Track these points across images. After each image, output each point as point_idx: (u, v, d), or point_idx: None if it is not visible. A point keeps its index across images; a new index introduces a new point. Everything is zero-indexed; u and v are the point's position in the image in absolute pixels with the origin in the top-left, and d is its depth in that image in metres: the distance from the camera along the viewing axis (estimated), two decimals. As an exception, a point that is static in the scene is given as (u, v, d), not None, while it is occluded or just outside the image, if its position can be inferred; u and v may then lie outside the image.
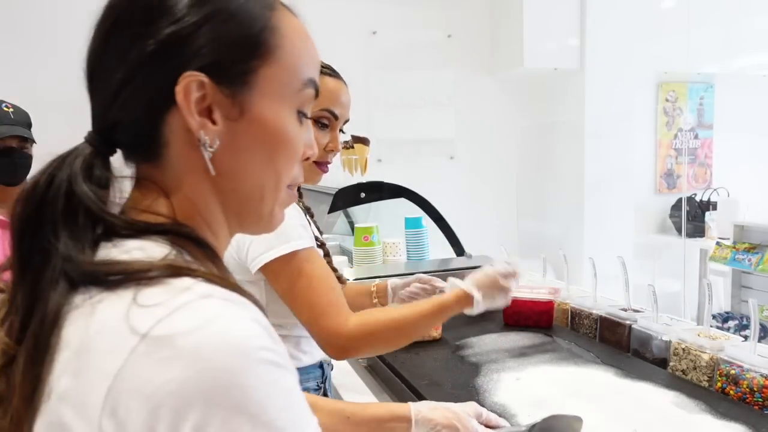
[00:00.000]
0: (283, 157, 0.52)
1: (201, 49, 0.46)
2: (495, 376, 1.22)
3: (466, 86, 3.76)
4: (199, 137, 0.47)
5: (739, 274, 3.11)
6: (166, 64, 0.46)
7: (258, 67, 0.49)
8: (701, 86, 4.12)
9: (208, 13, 0.47)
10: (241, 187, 0.51)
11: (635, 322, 1.38)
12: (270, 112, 0.50)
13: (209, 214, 0.51)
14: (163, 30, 0.45)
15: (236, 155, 0.50)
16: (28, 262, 0.45)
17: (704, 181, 4.20)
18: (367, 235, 1.98)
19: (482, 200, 3.78)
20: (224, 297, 0.42)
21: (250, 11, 0.49)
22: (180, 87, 0.45)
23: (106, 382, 0.39)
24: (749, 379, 1.07)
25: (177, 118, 0.47)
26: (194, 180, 0.49)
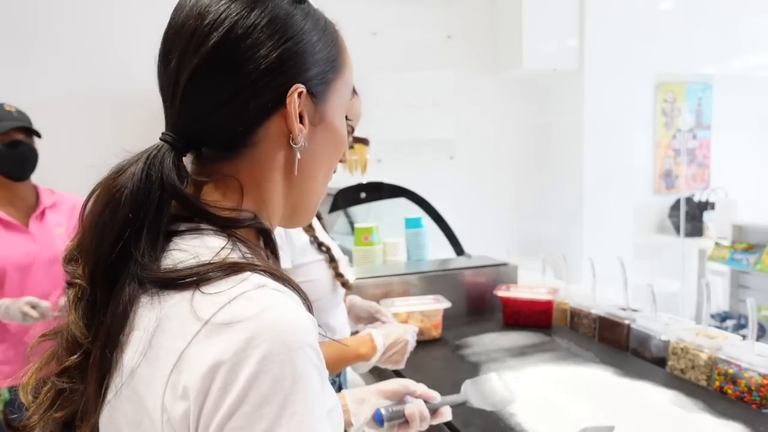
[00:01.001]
0: (337, 158, 0.63)
1: (305, 64, 0.55)
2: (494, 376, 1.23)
3: (465, 86, 3.76)
4: (297, 140, 0.55)
5: (738, 274, 3.12)
6: (281, 76, 0.54)
7: (332, 80, 0.58)
8: (699, 87, 4.13)
9: (314, 30, 0.56)
10: (308, 184, 0.60)
11: (634, 322, 1.39)
12: (336, 119, 0.60)
13: (274, 207, 0.58)
14: (281, 47, 0.53)
15: (312, 156, 0.58)
16: (112, 262, 0.50)
17: (703, 182, 4.21)
18: (367, 235, 1.99)
19: (482, 200, 3.78)
20: (276, 288, 0.48)
21: (331, 33, 0.59)
22: (291, 96, 0.54)
23: (171, 360, 0.45)
24: (747, 378, 1.08)
25: (276, 123, 0.55)
26: (272, 176, 0.57)
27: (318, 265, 1.08)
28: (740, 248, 2.97)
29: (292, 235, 1.03)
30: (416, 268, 1.82)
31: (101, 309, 0.49)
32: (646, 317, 1.37)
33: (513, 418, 1.02)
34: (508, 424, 1.01)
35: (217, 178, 0.55)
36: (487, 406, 0.94)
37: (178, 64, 0.53)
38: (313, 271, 1.06)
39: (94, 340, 0.49)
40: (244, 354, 0.43)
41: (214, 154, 0.55)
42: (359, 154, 2.45)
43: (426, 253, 2.03)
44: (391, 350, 1.09)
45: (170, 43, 0.54)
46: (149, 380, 0.46)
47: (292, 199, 0.59)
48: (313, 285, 1.06)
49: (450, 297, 1.59)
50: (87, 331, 0.49)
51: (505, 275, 1.83)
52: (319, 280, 1.07)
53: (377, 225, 2.02)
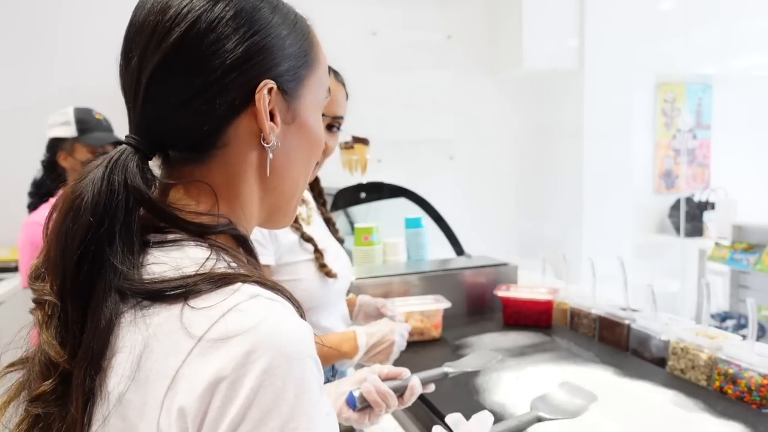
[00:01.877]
0: (314, 157, 0.60)
1: (274, 59, 0.52)
2: (494, 376, 1.23)
3: (465, 86, 3.77)
4: (269, 139, 0.52)
5: (738, 274, 3.12)
6: (248, 72, 0.51)
7: (305, 76, 0.56)
8: (699, 87, 4.13)
9: (282, 24, 0.53)
10: (283, 184, 0.57)
11: (634, 322, 1.39)
12: (311, 117, 0.57)
13: (250, 211, 0.56)
14: (247, 40, 0.51)
15: (286, 156, 0.56)
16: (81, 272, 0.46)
17: (702, 182, 4.21)
18: (367, 235, 1.99)
19: (482, 200, 3.78)
20: (270, 297, 0.46)
21: (302, 28, 0.56)
22: (260, 93, 0.51)
23: (165, 383, 0.42)
24: (747, 378, 1.08)
25: (246, 122, 0.52)
26: (245, 178, 0.54)
27: (305, 264, 1.08)
28: (740, 248, 2.97)
29: (277, 233, 1.03)
30: (416, 268, 1.82)
31: (75, 325, 0.45)
32: (646, 317, 1.37)
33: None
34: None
35: (188, 181, 0.52)
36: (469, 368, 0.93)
37: (139, 62, 0.50)
38: (300, 269, 1.06)
39: (70, 360, 0.45)
40: (243, 369, 0.41)
41: (183, 157, 0.52)
42: (359, 154, 2.45)
43: (426, 253, 2.03)
44: (375, 349, 1.08)
45: (131, 41, 0.51)
46: (141, 405, 0.42)
47: (268, 201, 0.57)
48: (299, 283, 1.05)
49: (450, 297, 1.59)
50: (62, 350, 0.45)
51: (505, 275, 1.83)
52: (306, 279, 1.07)
53: (377, 225, 2.02)
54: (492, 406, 1.08)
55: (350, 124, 1.19)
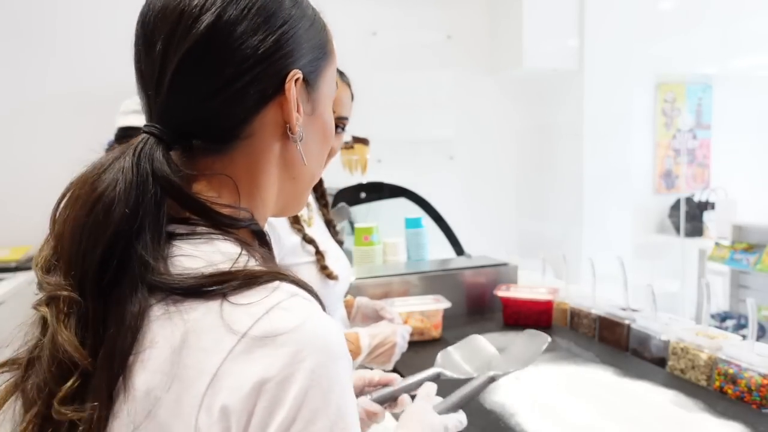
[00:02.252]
0: (326, 150, 0.60)
1: (301, 50, 0.52)
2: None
3: (466, 86, 3.77)
4: (295, 129, 0.52)
5: (738, 274, 3.12)
6: (279, 62, 0.51)
7: (324, 68, 0.56)
8: (699, 87, 4.13)
9: (305, 16, 0.54)
10: (302, 174, 0.57)
11: (634, 322, 1.39)
12: (326, 110, 0.58)
13: (269, 201, 0.55)
14: (277, 30, 0.50)
15: (307, 146, 0.55)
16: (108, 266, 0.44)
17: (703, 182, 4.21)
18: (367, 235, 1.99)
19: (482, 200, 3.78)
20: (305, 296, 0.47)
21: (319, 20, 0.58)
22: (289, 83, 0.51)
23: (205, 380, 0.40)
24: (747, 378, 1.08)
25: (272, 112, 0.51)
26: (268, 170, 0.53)
27: (306, 266, 1.06)
28: (740, 248, 2.97)
29: (281, 235, 1.02)
30: (416, 268, 1.81)
31: (96, 323, 0.43)
32: (646, 317, 1.37)
33: (513, 418, 1.02)
34: (508, 424, 1.00)
35: (210, 173, 0.51)
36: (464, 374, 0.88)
37: (164, 50, 0.48)
38: (301, 271, 1.05)
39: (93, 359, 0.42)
40: (291, 369, 0.40)
41: (205, 148, 0.51)
42: (359, 154, 2.45)
43: (426, 253, 2.03)
44: (377, 351, 1.08)
45: (151, 26, 0.49)
46: (175, 403, 0.40)
47: (286, 191, 0.56)
48: None
49: (450, 297, 1.59)
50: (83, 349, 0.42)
51: (505, 275, 1.83)
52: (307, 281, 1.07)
53: (377, 225, 2.02)
54: (492, 406, 1.08)
55: (350, 124, 1.19)
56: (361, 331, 1.08)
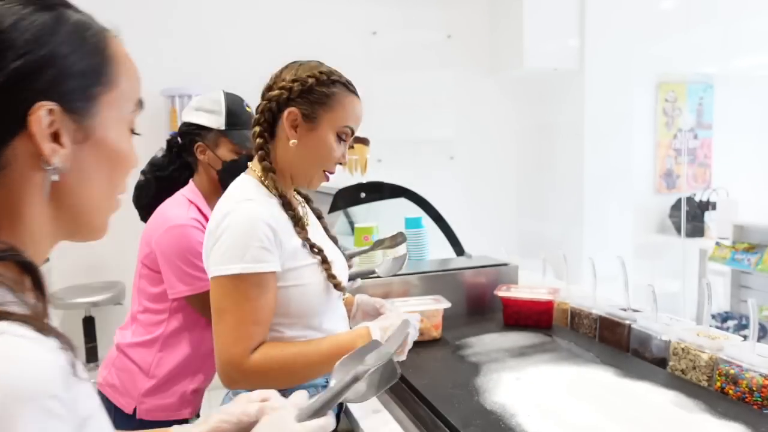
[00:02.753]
0: (119, 173, 0.57)
1: (50, 80, 0.49)
2: (495, 376, 1.22)
3: (466, 86, 3.76)
4: (50, 161, 0.49)
5: (739, 274, 3.11)
6: (20, 93, 0.48)
7: (100, 93, 0.53)
8: (700, 86, 4.13)
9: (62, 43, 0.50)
10: (79, 202, 0.54)
11: (635, 322, 1.38)
12: (111, 133, 0.55)
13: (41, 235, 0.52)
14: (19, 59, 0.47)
15: (80, 174, 0.53)
16: None
17: (704, 181, 4.20)
18: (367, 235, 1.98)
19: (482, 200, 3.78)
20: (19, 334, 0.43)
21: (95, 42, 0.54)
22: (34, 116, 0.48)
23: None
24: (748, 379, 1.07)
25: (23, 143, 0.48)
26: (31, 201, 0.51)
27: (310, 268, 1.05)
28: (741, 248, 2.97)
29: (282, 240, 1.01)
30: (416, 268, 1.81)
31: None
32: (647, 317, 1.36)
33: (513, 419, 1.02)
34: (509, 424, 1.00)
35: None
36: None
37: None
38: (305, 274, 1.04)
39: None
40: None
41: None
42: (359, 154, 2.45)
43: (426, 253, 2.02)
44: None
45: None
46: None
47: (63, 219, 0.54)
48: (304, 289, 1.03)
49: (450, 297, 1.58)
50: None
51: (505, 275, 1.83)
52: (311, 284, 1.04)
53: (377, 225, 2.02)
54: (492, 407, 1.07)
55: (350, 124, 1.18)
56: (371, 325, 1.07)
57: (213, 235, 0.98)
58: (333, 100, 1.04)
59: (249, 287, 0.95)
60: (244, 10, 3.35)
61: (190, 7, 3.27)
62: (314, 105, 1.03)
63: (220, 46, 3.29)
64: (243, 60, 3.28)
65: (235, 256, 0.94)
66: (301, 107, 1.03)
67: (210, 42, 3.28)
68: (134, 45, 2.55)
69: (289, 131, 1.03)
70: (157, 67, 3.18)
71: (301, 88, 1.02)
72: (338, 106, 1.05)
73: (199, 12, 3.28)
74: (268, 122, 1.05)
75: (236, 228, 0.95)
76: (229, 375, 0.97)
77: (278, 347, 1.00)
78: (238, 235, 0.95)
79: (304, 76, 1.03)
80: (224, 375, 0.98)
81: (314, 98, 1.03)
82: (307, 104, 1.03)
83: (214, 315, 0.97)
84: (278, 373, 0.99)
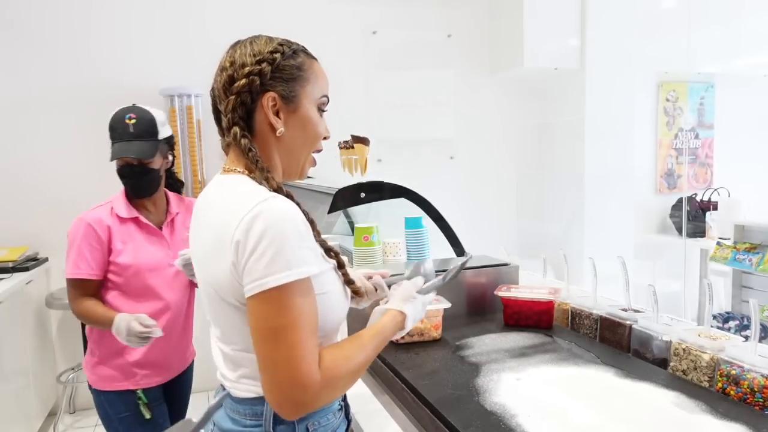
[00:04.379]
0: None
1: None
2: (495, 377, 1.22)
3: (466, 86, 3.76)
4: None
5: (740, 274, 3.11)
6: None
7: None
8: (702, 86, 4.12)
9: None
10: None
11: (635, 323, 1.38)
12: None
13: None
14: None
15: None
16: None
17: (705, 181, 4.20)
18: (367, 235, 1.98)
19: (482, 200, 3.78)
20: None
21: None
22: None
23: None
24: (750, 380, 1.07)
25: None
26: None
27: (328, 274, 0.93)
28: (743, 248, 2.96)
29: None
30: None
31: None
32: (648, 318, 1.36)
33: (514, 419, 1.01)
34: (509, 425, 1.00)
35: None
36: None
37: None
38: (325, 281, 0.91)
39: None
40: None
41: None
42: (359, 153, 2.44)
43: (426, 253, 2.02)
44: None
45: None
46: None
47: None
48: (326, 297, 0.90)
49: (450, 297, 1.58)
50: None
51: (505, 275, 1.82)
52: (331, 291, 0.92)
53: (377, 225, 2.02)
54: (493, 407, 1.07)
55: (350, 124, 1.18)
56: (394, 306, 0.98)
57: (242, 244, 0.81)
58: (304, 71, 0.94)
59: (301, 294, 0.81)
60: (243, 10, 3.35)
61: (190, 7, 3.26)
62: (289, 82, 0.92)
63: (220, 45, 3.28)
64: (243, 60, 3.27)
65: (285, 263, 0.79)
66: (277, 89, 0.91)
67: (209, 41, 3.27)
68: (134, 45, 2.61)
69: (273, 119, 0.91)
70: (156, 67, 3.18)
71: (271, 68, 0.90)
72: (311, 77, 0.95)
73: (198, 12, 3.28)
74: (242, 118, 0.91)
75: (276, 230, 0.80)
76: (297, 402, 0.81)
77: (334, 349, 0.88)
78: (282, 238, 0.80)
79: (267, 52, 0.91)
80: (293, 406, 0.81)
81: (287, 75, 0.92)
82: (282, 83, 0.91)
83: (266, 337, 0.80)
84: (345, 372, 0.86)
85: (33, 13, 3.06)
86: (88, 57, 3.12)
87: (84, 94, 3.12)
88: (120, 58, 3.12)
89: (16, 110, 3.06)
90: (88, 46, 3.11)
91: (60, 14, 3.08)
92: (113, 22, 3.11)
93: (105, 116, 1.68)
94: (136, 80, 3.14)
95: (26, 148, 3.08)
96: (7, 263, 2.79)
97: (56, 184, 3.08)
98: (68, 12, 3.09)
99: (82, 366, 3.02)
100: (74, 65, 3.11)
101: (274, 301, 0.80)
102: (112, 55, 3.12)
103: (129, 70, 3.14)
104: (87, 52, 3.11)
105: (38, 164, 3.08)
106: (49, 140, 3.10)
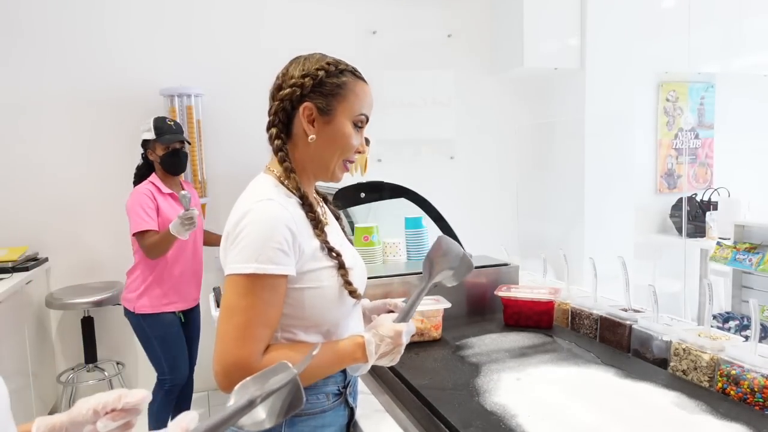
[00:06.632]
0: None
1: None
2: (495, 377, 1.22)
3: (466, 86, 3.76)
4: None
5: (740, 274, 3.10)
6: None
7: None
8: (702, 86, 4.12)
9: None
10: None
11: (636, 323, 1.38)
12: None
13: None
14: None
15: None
16: None
17: (705, 181, 4.20)
18: (367, 235, 1.98)
19: (482, 200, 3.77)
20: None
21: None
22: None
23: None
24: (750, 380, 1.07)
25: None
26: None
27: (327, 271, 1.02)
28: (743, 248, 2.96)
29: (301, 242, 0.97)
30: (416, 268, 1.80)
31: None
32: (648, 318, 1.36)
33: (514, 420, 1.01)
34: (509, 425, 0.99)
35: None
36: None
37: None
38: (322, 277, 1.00)
39: None
40: None
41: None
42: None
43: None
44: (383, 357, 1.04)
45: None
46: None
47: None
48: (321, 291, 1.01)
49: (450, 297, 1.58)
50: None
51: (506, 275, 1.82)
52: (326, 287, 1.01)
53: (377, 225, 2.02)
54: (492, 408, 1.07)
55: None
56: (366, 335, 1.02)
57: (231, 234, 0.96)
58: (345, 90, 1.04)
59: (262, 288, 0.93)
60: (243, 10, 3.35)
61: (190, 7, 3.26)
62: (328, 97, 1.03)
63: (220, 45, 3.29)
64: (242, 60, 3.28)
65: (251, 255, 0.93)
66: (316, 101, 1.03)
67: (209, 42, 3.28)
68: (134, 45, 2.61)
69: (306, 127, 1.03)
70: (156, 67, 3.18)
71: (313, 82, 1.02)
72: (351, 95, 1.05)
73: (198, 12, 3.28)
74: (282, 122, 1.05)
75: (254, 227, 0.94)
76: (231, 377, 0.90)
77: (284, 347, 0.98)
78: (256, 235, 0.93)
79: (313, 69, 1.03)
80: (225, 378, 0.92)
81: (327, 90, 1.03)
82: (321, 97, 1.03)
83: (223, 313, 0.95)
84: None
85: (33, 13, 3.06)
86: (88, 57, 3.12)
87: (84, 95, 3.12)
88: (120, 58, 3.12)
89: (16, 110, 3.06)
90: (87, 46, 3.11)
91: (60, 15, 3.08)
92: (113, 23, 3.11)
93: (105, 116, 1.68)
94: (137, 80, 3.14)
95: (26, 148, 3.08)
96: (7, 263, 2.79)
97: (56, 184, 3.08)
98: (68, 12, 3.09)
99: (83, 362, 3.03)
100: (74, 65, 3.11)
101: (236, 285, 0.94)
102: (112, 55, 3.12)
103: (129, 71, 3.14)
104: (87, 52, 3.11)
105: (38, 164, 3.08)
106: (49, 140, 3.10)
